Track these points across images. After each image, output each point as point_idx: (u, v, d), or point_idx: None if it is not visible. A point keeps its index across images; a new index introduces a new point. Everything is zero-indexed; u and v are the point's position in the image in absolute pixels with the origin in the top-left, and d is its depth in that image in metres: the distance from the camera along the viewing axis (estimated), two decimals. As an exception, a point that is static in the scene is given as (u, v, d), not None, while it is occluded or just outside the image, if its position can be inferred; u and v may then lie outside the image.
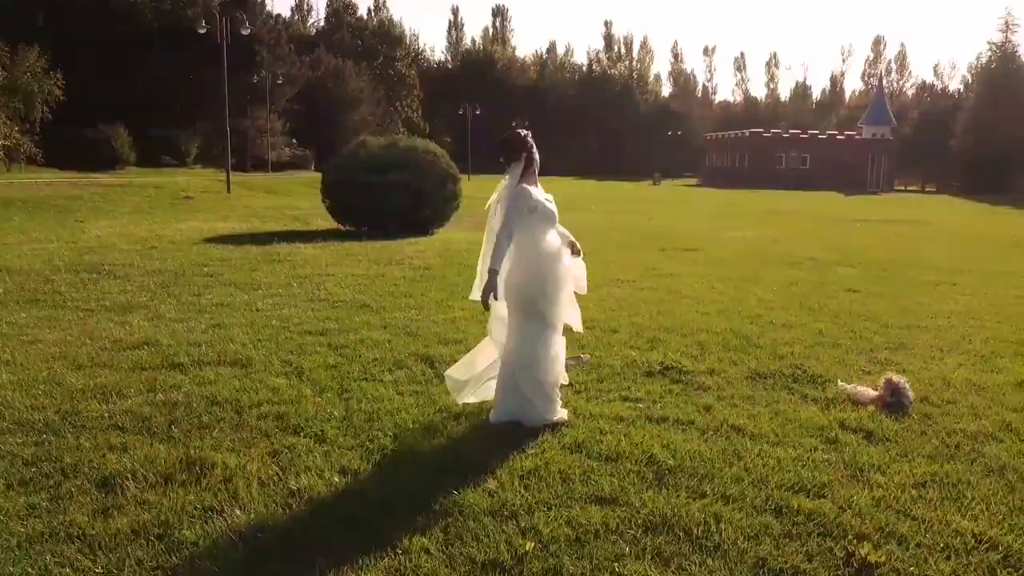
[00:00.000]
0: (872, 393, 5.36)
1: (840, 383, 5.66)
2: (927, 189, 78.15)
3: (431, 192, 16.42)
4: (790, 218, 27.52)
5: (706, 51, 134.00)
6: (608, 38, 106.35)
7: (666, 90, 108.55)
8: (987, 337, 7.61)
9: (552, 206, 4.69)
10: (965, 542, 3.33)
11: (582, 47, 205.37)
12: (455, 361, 5.29)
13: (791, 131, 77.15)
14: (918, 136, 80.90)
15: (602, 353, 6.39)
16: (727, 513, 3.51)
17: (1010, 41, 66.24)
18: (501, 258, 4.47)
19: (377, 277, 10.23)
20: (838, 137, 75.37)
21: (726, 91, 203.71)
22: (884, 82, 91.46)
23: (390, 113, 77.28)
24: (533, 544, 3.20)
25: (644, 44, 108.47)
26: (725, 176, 72.64)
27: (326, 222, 17.12)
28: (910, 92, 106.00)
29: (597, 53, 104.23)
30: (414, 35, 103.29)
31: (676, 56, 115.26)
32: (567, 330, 5.00)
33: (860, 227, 24.45)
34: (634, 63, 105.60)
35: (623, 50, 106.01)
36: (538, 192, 4.67)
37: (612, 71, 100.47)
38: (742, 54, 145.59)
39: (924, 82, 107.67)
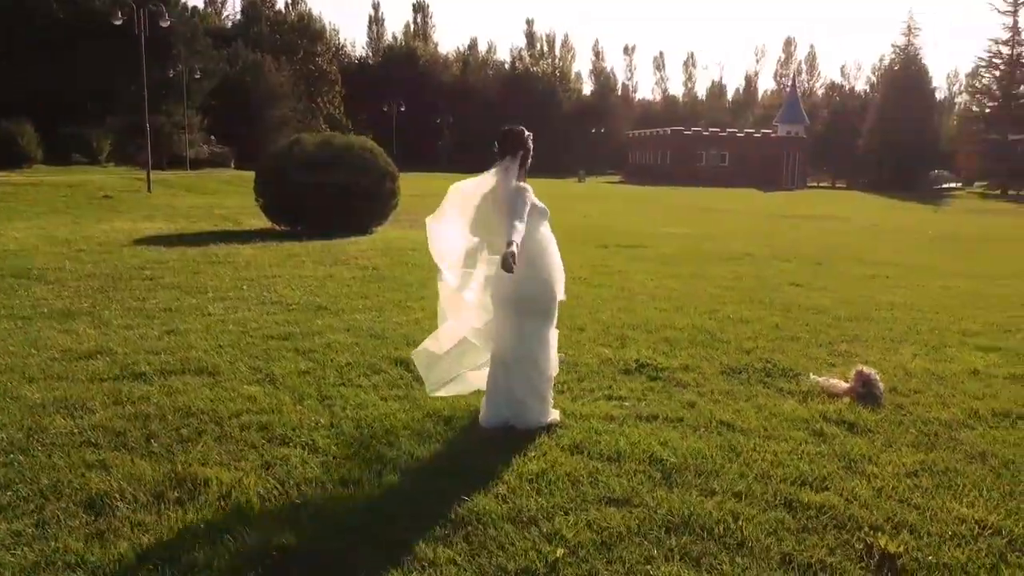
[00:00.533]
0: (844, 385, 5.52)
1: (812, 376, 5.81)
2: (838, 185, 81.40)
3: (369, 190, 16.08)
4: (718, 215, 28.25)
5: (626, 50, 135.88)
6: (530, 36, 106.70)
7: (587, 88, 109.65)
8: (931, 328, 7.96)
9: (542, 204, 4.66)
10: (970, 529, 3.45)
11: (505, 44, 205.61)
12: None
13: (711, 129, 79.12)
14: (829, 134, 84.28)
15: (575, 352, 6.39)
16: (742, 510, 3.54)
17: (912, 44, 69.68)
18: (521, 235, 4.15)
19: (327, 278, 9.97)
20: (755, 135, 77.65)
21: (646, 90, 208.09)
22: (795, 82, 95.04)
23: (312, 109, 75.54)
24: (563, 550, 3.15)
25: (566, 42, 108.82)
26: (647, 173, 73.96)
27: (259, 221, 16.57)
28: (820, 92, 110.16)
29: (520, 51, 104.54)
30: (334, 30, 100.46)
31: (597, 54, 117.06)
32: None
33: (785, 223, 25.30)
34: (556, 61, 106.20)
35: (545, 48, 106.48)
36: (529, 191, 4.61)
37: (535, 68, 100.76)
38: (661, 53, 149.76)
39: (833, 82, 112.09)
